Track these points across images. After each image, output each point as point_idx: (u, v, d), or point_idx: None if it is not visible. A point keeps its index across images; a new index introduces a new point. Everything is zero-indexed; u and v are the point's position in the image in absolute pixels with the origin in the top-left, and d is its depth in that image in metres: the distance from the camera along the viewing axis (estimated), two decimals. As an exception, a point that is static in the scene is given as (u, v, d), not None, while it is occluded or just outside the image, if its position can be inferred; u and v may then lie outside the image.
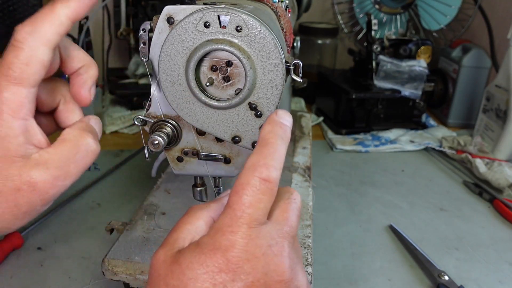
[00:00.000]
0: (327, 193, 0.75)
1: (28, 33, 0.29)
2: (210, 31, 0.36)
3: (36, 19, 0.30)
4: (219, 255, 0.28)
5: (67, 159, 0.31)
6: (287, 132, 0.33)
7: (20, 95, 0.29)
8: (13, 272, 0.53)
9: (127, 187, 0.72)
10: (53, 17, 0.30)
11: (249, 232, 0.29)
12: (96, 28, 1.13)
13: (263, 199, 0.29)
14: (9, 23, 0.81)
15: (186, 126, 0.41)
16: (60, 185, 0.31)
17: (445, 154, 0.91)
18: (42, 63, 0.30)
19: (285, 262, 0.29)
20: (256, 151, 0.31)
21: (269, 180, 0.30)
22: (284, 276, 0.29)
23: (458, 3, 1.11)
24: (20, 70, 0.29)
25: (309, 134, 0.83)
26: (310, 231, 0.52)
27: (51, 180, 0.31)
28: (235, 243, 0.28)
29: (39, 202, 0.31)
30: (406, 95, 0.98)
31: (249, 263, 0.28)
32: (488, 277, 0.56)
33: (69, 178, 0.32)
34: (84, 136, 0.33)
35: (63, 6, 0.30)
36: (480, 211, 0.72)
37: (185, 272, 0.28)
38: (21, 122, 0.30)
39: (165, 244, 0.31)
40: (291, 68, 0.37)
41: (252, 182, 0.29)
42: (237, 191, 0.29)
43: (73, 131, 0.33)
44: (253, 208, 0.29)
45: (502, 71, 0.90)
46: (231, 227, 0.29)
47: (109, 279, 0.45)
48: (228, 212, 0.29)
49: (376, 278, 0.55)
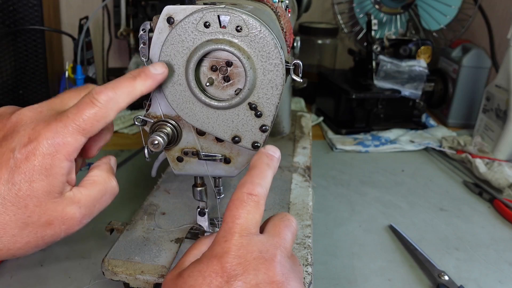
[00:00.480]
0: (327, 193, 0.75)
1: (110, 98, 0.33)
2: (210, 31, 0.36)
3: (117, 86, 0.34)
4: (215, 261, 0.31)
5: (96, 199, 0.35)
6: (274, 161, 0.36)
7: (79, 142, 0.33)
8: (13, 272, 0.53)
9: (127, 187, 0.72)
10: (131, 90, 0.35)
11: (241, 240, 0.32)
12: (96, 28, 1.13)
13: (250, 211, 0.33)
14: (9, 23, 0.81)
15: (186, 126, 0.41)
16: (84, 222, 0.35)
17: (445, 154, 0.91)
18: (107, 123, 0.34)
19: (276, 267, 0.32)
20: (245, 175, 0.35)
21: (254, 194, 0.33)
22: (274, 278, 0.31)
23: (458, 3, 1.11)
24: (91, 125, 0.33)
25: (309, 134, 0.83)
26: (310, 231, 0.52)
27: (80, 217, 0.34)
28: (228, 249, 0.31)
29: (63, 235, 0.34)
30: (406, 95, 0.98)
31: (241, 266, 0.31)
32: (488, 277, 0.56)
33: (92, 216, 0.36)
34: (111, 179, 0.37)
35: (141, 83, 0.35)
36: (480, 211, 0.72)
37: (186, 280, 0.31)
38: (69, 164, 0.33)
39: (174, 268, 0.35)
40: (291, 68, 0.37)
41: (240, 197, 0.33)
42: (229, 208, 0.33)
43: (102, 174, 0.37)
44: (242, 219, 0.32)
45: (502, 71, 0.90)
46: (224, 237, 0.32)
47: (109, 279, 0.45)
48: (222, 227, 0.33)
49: (376, 278, 0.55)
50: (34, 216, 0.32)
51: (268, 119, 0.38)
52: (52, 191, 0.32)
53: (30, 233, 0.32)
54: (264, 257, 0.32)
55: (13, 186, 0.31)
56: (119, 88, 0.34)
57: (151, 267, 0.45)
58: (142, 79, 0.35)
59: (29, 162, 0.31)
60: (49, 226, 0.33)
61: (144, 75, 0.35)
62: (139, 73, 0.35)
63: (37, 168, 0.31)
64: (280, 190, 0.61)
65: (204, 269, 0.31)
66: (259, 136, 0.39)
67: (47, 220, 0.32)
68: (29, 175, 0.31)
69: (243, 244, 0.32)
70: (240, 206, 0.33)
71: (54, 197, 0.32)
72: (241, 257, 0.31)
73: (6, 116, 0.34)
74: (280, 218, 0.36)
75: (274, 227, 0.35)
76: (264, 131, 0.39)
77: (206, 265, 0.31)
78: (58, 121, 0.32)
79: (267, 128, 0.39)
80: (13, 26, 0.81)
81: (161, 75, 0.36)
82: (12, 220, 0.31)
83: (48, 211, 0.32)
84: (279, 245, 0.33)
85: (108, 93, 0.33)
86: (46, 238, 0.33)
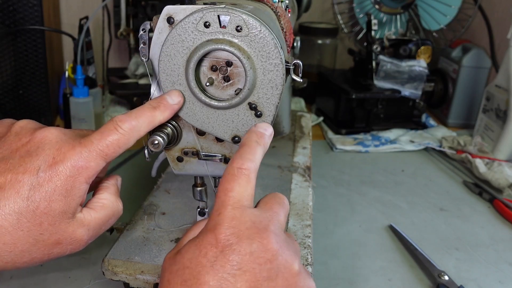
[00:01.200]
0: (327, 193, 0.75)
1: (132, 126, 0.35)
2: (210, 31, 0.36)
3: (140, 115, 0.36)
4: (210, 234, 0.32)
5: (103, 223, 0.37)
6: (264, 138, 0.37)
7: (100, 167, 0.35)
8: (13, 272, 0.53)
9: (127, 187, 0.72)
10: (151, 120, 0.37)
11: (233, 211, 0.32)
12: (96, 28, 1.13)
13: (241, 183, 0.33)
14: (9, 23, 0.81)
15: (186, 126, 0.41)
16: (89, 242, 0.36)
17: (445, 154, 0.91)
18: (126, 148, 0.36)
19: (270, 236, 0.32)
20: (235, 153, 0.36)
21: (244, 167, 0.34)
22: (268, 246, 0.31)
23: (458, 3, 1.11)
24: (113, 151, 0.35)
25: (309, 134, 0.83)
26: (310, 231, 0.52)
27: (87, 239, 0.36)
28: (221, 221, 0.32)
29: (68, 253, 0.35)
30: (406, 95, 0.98)
31: (235, 236, 0.31)
32: (488, 277, 0.56)
33: (97, 236, 0.37)
34: (118, 202, 0.39)
35: (160, 114, 0.37)
36: (480, 211, 0.72)
37: (184, 255, 0.32)
38: (86, 186, 0.35)
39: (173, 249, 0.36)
40: (291, 68, 0.37)
41: (231, 171, 0.34)
42: (221, 183, 0.34)
43: (110, 197, 0.38)
44: (233, 192, 0.33)
45: (502, 71, 0.90)
46: (217, 211, 0.33)
47: (109, 279, 0.45)
48: (216, 202, 0.33)
49: (376, 278, 0.55)
50: (46, 234, 0.33)
51: (268, 119, 0.38)
52: (67, 212, 0.33)
53: (39, 250, 0.33)
54: (258, 227, 0.32)
55: (32, 203, 0.32)
56: (141, 117, 0.36)
57: (151, 267, 0.45)
58: (161, 111, 0.37)
59: (52, 182, 0.32)
60: (57, 245, 0.34)
61: (163, 107, 0.37)
62: (159, 104, 0.37)
63: (59, 189, 0.33)
64: (280, 190, 0.61)
65: (200, 242, 0.32)
66: (259, 136, 0.39)
67: (57, 239, 0.33)
68: (50, 194, 0.32)
69: (236, 215, 0.32)
70: (231, 180, 0.33)
71: (67, 217, 0.34)
72: (235, 228, 0.31)
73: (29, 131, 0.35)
74: (272, 197, 0.37)
75: (266, 204, 0.36)
76: (264, 131, 0.39)
77: (201, 239, 0.32)
78: (83, 146, 0.34)
79: (267, 128, 0.39)
80: (13, 26, 0.81)
81: (177, 105, 0.38)
82: (24, 236, 0.32)
83: (60, 231, 0.33)
84: (271, 217, 0.34)
85: (132, 122, 0.35)
86: (52, 256, 0.34)
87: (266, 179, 0.64)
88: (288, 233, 0.36)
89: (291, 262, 0.32)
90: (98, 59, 1.12)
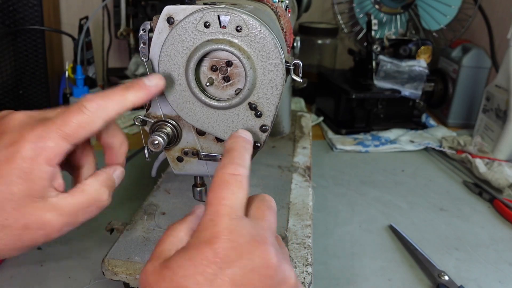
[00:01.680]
0: (327, 193, 0.75)
1: (99, 106, 0.33)
2: (210, 31, 0.36)
3: (108, 95, 0.34)
4: (206, 248, 0.29)
5: (80, 209, 0.34)
6: (249, 143, 0.36)
7: (61, 148, 0.32)
8: (13, 272, 0.53)
9: (127, 187, 0.72)
10: (122, 100, 0.34)
11: (231, 222, 0.30)
12: (96, 28, 1.13)
13: (235, 191, 0.32)
14: (9, 23, 0.81)
15: (186, 126, 0.41)
16: (65, 230, 0.34)
17: (445, 154, 0.91)
18: (93, 132, 0.33)
19: (270, 250, 0.30)
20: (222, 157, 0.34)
21: (237, 173, 0.32)
22: (270, 262, 0.30)
23: (458, 3, 1.11)
24: (74, 130, 0.32)
25: (309, 134, 0.83)
26: (310, 231, 0.52)
27: (60, 225, 0.33)
28: (219, 234, 0.29)
29: (42, 240, 0.33)
30: (406, 95, 0.98)
31: (235, 251, 0.29)
32: (488, 277, 0.56)
33: (75, 225, 0.34)
34: (102, 191, 0.36)
35: (133, 94, 0.35)
36: (480, 211, 0.72)
37: (176, 271, 0.29)
38: (51, 169, 0.32)
39: (151, 258, 0.32)
40: (291, 68, 0.37)
41: (223, 178, 0.32)
42: (213, 190, 0.32)
43: (94, 184, 0.36)
44: (229, 200, 0.31)
45: (502, 71, 0.90)
46: (213, 221, 0.30)
47: (109, 279, 0.45)
48: (208, 209, 0.31)
49: (376, 278, 0.55)
50: (11, 219, 0.31)
51: (268, 119, 0.38)
52: (32, 195, 0.32)
53: (7, 236, 0.32)
54: (257, 240, 0.30)
55: None
56: (110, 97, 0.34)
57: (151, 267, 0.45)
58: (135, 90, 0.35)
59: (9, 165, 0.31)
60: (26, 230, 0.32)
61: (137, 87, 0.35)
62: (133, 84, 0.35)
63: (16, 172, 0.31)
64: (280, 190, 0.61)
65: (195, 257, 0.29)
66: (259, 136, 0.39)
67: (24, 223, 0.32)
68: (8, 178, 0.31)
69: (234, 227, 0.30)
70: (224, 187, 0.31)
71: (33, 201, 0.32)
72: (234, 241, 0.29)
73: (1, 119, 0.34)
74: (261, 200, 0.35)
75: (257, 210, 0.34)
76: (264, 131, 0.39)
77: (196, 253, 0.29)
78: (43, 126, 0.32)
79: (267, 128, 0.39)
80: (13, 26, 0.81)
81: (154, 87, 0.36)
82: None
83: (26, 215, 0.32)
84: (267, 227, 0.32)
85: (98, 101, 0.33)
86: (25, 242, 0.33)
87: (266, 179, 0.64)
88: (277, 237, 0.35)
89: (289, 276, 0.31)
90: (98, 59, 1.12)
